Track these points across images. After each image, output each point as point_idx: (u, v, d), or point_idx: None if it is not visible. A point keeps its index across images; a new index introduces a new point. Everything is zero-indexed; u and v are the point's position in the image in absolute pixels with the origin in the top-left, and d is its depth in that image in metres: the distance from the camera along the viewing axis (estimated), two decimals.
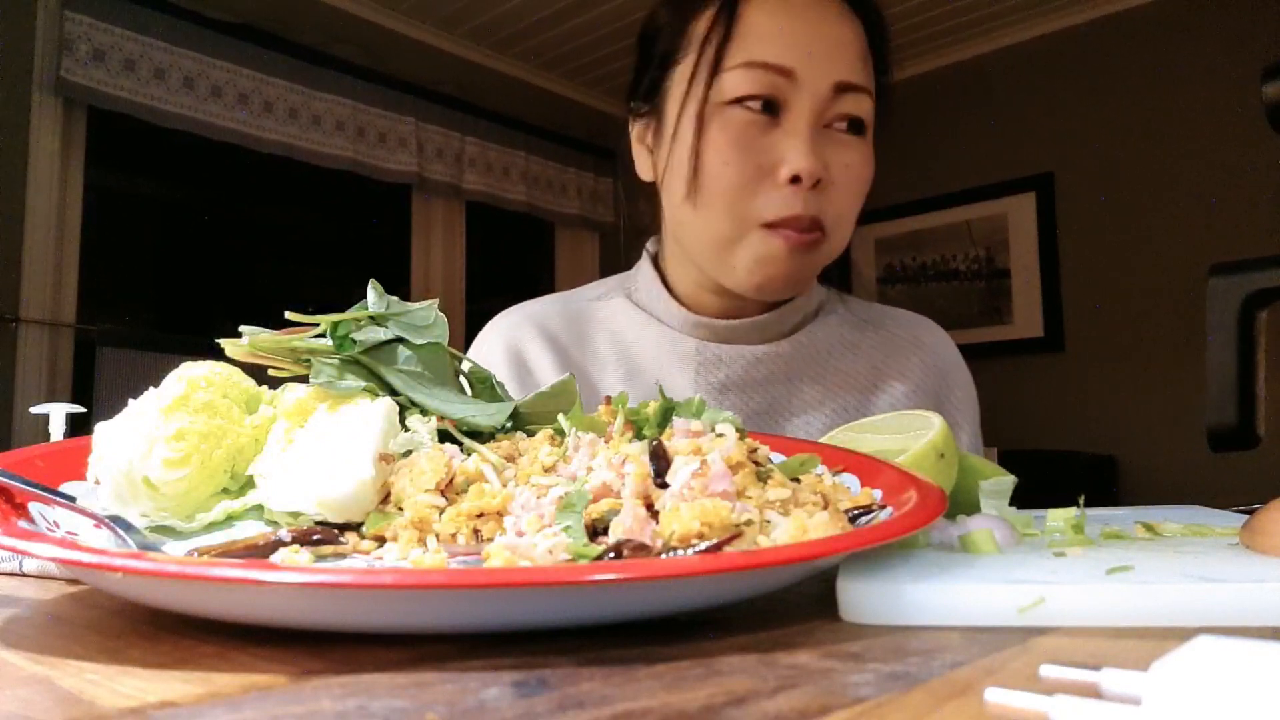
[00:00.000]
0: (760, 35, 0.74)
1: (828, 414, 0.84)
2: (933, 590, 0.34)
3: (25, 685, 0.27)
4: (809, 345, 0.86)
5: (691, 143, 0.75)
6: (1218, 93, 2.88)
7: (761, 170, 0.74)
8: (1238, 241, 2.75)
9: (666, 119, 0.80)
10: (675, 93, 0.79)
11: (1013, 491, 0.53)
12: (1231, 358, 0.48)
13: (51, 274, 2.43)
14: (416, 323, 0.53)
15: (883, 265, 3.68)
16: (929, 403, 0.87)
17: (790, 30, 0.74)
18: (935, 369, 0.89)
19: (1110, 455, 3.05)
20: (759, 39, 0.74)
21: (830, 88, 0.74)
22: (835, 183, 0.76)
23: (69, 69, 2.41)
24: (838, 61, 0.75)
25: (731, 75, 0.74)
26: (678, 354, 0.84)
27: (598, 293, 0.94)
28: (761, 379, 0.83)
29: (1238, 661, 0.20)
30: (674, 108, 0.78)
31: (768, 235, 0.75)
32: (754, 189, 0.74)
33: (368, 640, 0.32)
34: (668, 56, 0.81)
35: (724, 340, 0.84)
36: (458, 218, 3.42)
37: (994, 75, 3.44)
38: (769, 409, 0.83)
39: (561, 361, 0.87)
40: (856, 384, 0.86)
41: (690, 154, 0.75)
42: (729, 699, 0.24)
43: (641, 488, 0.39)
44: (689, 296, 0.86)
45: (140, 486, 0.44)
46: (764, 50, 0.74)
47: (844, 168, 0.76)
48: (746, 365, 0.83)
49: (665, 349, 0.85)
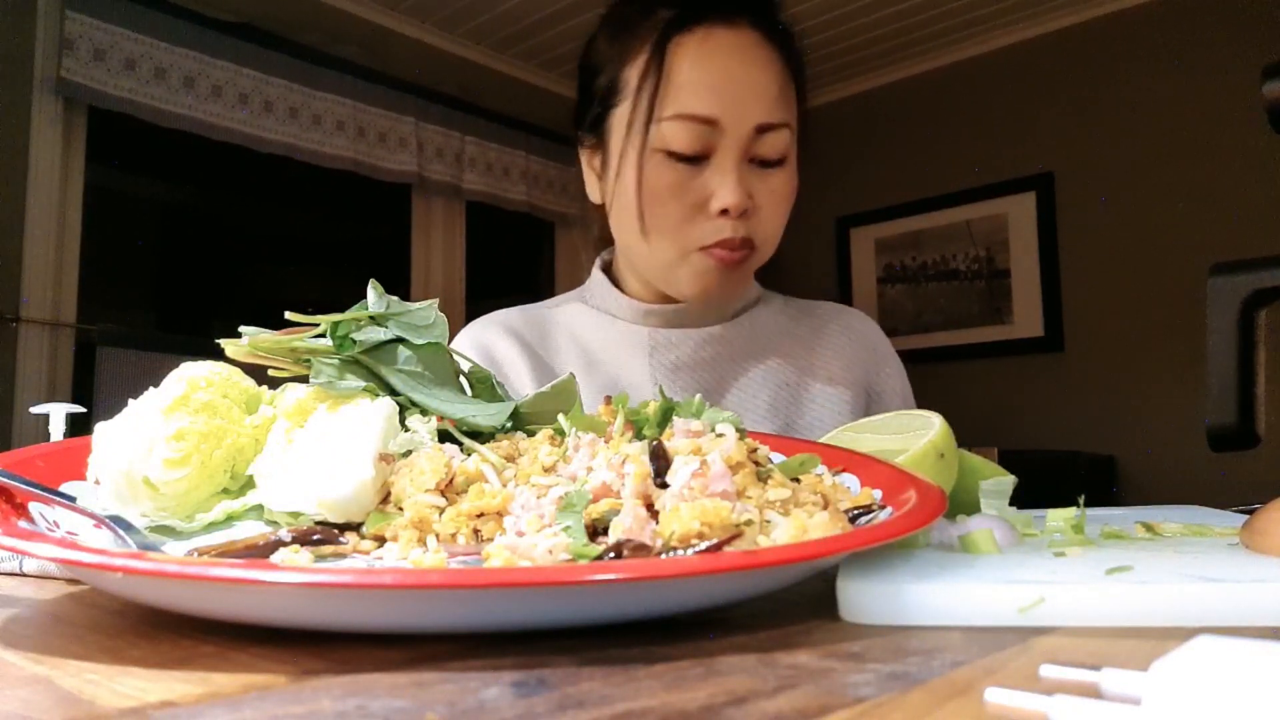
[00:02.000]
0: (688, 87, 0.82)
1: (770, 389, 0.92)
2: (933, 590, 0.34)
3: (25, 685, 0.27)
4: (749, 328, 0.95)
5: (634, 187, 0.84)
6: (1218, 93, 2.88)
7: (696, 206, 0.83)
8: (1238, 241, 2.75)
9: (611, 155, 0.88)
10: (617, 133, 0.87)
11: (1013, 491, 0.53)
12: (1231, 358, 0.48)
13: (51, 274, 2.43)
14: (416, 323, 0.53)
15: (883, 265, 3.68)
16: (861, 376, 0.96)
17: (714, 82, 0.82)
18: (864, 347, 0.99)
19: (1110, 455, 3.04)
20: (688, 91, 0.82)
21: (752, 130, 0.82)
22: (761, 207, 0.84)
23: (69, 69, 2.41)
24: (757, 105, 0.82)
25: (666, 125, 0.82)
26: (632, 342, 0.93)
27: (555, 302, 1.03)
28: (709, 358, 0.92)
29: (1238, 661, 0.20)
30: (616, 147, 0.87)
31: (704, 256, 0.84)
32: (690, 221, 0.84)
33: (368, 640, 0.32)
34: (608, 97, 0.88)
35: (673, 325, 0.93)
36: (458, 218, 3.42)
37: (994, 75, 3.44)
38: (716, 386, 0.91)
39: (527, 356, 0.93)
40: (793, 361, 0.95)
41: (635, 196, 0.84)
42: (729, 699, 0.24)
43: (641, 488, 0.39)
44: (640, 294, 0.94)
45: (140, 486, 0.44)
46: (693, 103, 0.81)
47: (769, 193, 0.85)
48: (695, 346, 0.92)
49: (620, 340, 0.94)
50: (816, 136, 0.94)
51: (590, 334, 0.96)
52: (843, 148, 3.56)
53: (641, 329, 0.93)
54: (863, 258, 3.73)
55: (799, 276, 1.01)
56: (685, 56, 0.82)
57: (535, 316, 1.00)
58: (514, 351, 0.93)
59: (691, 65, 0.82)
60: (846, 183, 3.58)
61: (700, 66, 0.82)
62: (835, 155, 3.55)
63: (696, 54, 0.82)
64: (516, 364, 0.92)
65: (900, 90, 3.65)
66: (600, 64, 0.90)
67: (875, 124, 3.63)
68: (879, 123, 3.63)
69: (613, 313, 0.95)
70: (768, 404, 0.91)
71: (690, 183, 0.83)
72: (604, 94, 0.89)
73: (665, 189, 0.83)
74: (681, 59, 0.82)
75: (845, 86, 3.67)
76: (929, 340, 3.50)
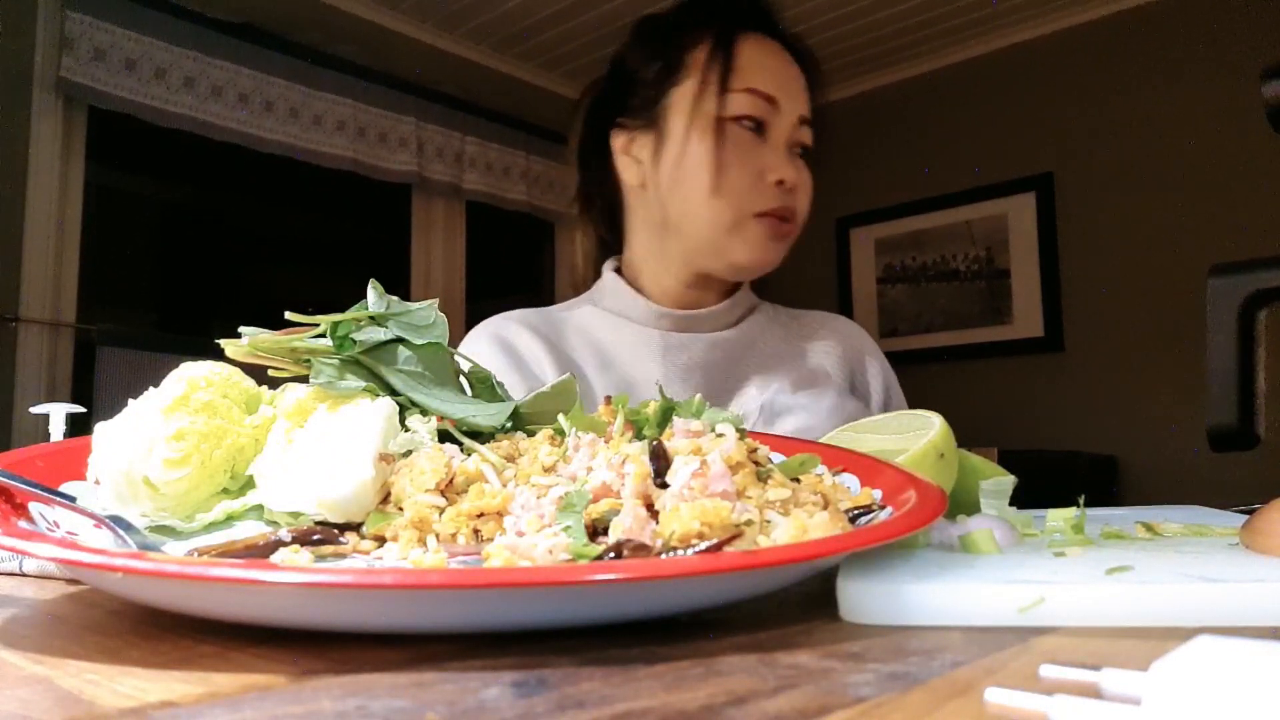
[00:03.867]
0: (755, 68, 0.94)
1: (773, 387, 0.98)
2: (933, 590, 0.34)
3: (25, 685, 0.27)
4: (749, 334, 1.02)
5: (709, 150, 0.92)
6: (1218, 93, 2.88)
7: (757, 174, 0.93)
8: (1238, 241, 2.75)
9: (670, 130, 0.96)
10: (678, 108, 0.95)
11: (1013, 491, 0.53)
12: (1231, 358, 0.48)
13: (51, 274, 2.43)
14: (416, 323, 0.53)
15: (883, 265, 3.68)
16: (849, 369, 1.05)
17: (774, 68, 0.96)
18: (849, 345, 1.07)
19: (1110, 455, 3.04)
20: (754, 71, 0.94)
21: (797, 118, 0.96)
22: (798, 189, 0.96)
23: (69, 68, 2.41)
24: (801, 99, 0.97)
25: (734, 97, 0.93)
26: (645, 344, 0.99)
27: (564, 306, 1.08)
28: (717, 360, 0.99)
29: (1238, 661, 0.20)
30: (680, 121, 0.95)
31: (760, 223, 0.94)
32: (751, 187, 0.93)
33: (368, 640, 0.32)
34: (666, 76, 0.97)
35: (684, 329, 1.00)
36: (458, 218, 3.42)
37: (994, 75, 3.44)
38: (724, 386, 0.98)
39: (549, 349, 0.97)
40: (789, 361, 1.02)
41: (709, 158, 0.92)
42: (729, 699, 0.24)
43: (641, 488, 0.39)
44: (656, 293, 1.01)
45: (140, 486, 0.44)
46: (759, 80, 0.94)
47: (804, 180, 0.97)
48: (705, 349, 0.99)
49: (634, 341, 0.99)
50: (816, 137, 1.00)
51: (603, 335, 1.00)
52: (843, 148, 3.55)
53: (654, 331, 0.99)
54: (863, 258, 3.73)
55: (799, 276, 1.03)
56: (747, 46, 0.95)
57: (548, 316, 1.04)
58: (536, 345, 0.97)
59: (755, 53, 0.95)
60: (846, 183, 3.58)
61: (762, 54, 0.95)
62: (835, 155, 3.53)
63: (756, 46, 0.95)
64: (540, 357, 0.96)
65: (900, 90, 3.65)
66: (652, 52, 0.99)
67: (875, 124, 3.63)
68: (879, 123, 3.63)
69: (626, 315, 1.01)
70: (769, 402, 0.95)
71: (753, 151, 0.93)
72: (660, 75, 0.97)
73: (736, 152, 0.92)
74: (745, 46, 0.95)
75: (845, 87, 3.67)
76: (929, 340, 3.50)
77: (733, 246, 0.94)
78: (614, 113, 1.02)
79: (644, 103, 0.98)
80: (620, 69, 1.03)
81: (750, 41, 0.95)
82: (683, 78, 0.95)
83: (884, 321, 3.63)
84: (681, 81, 0.95)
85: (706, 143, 0.92)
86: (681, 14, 1.00)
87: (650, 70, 0.98)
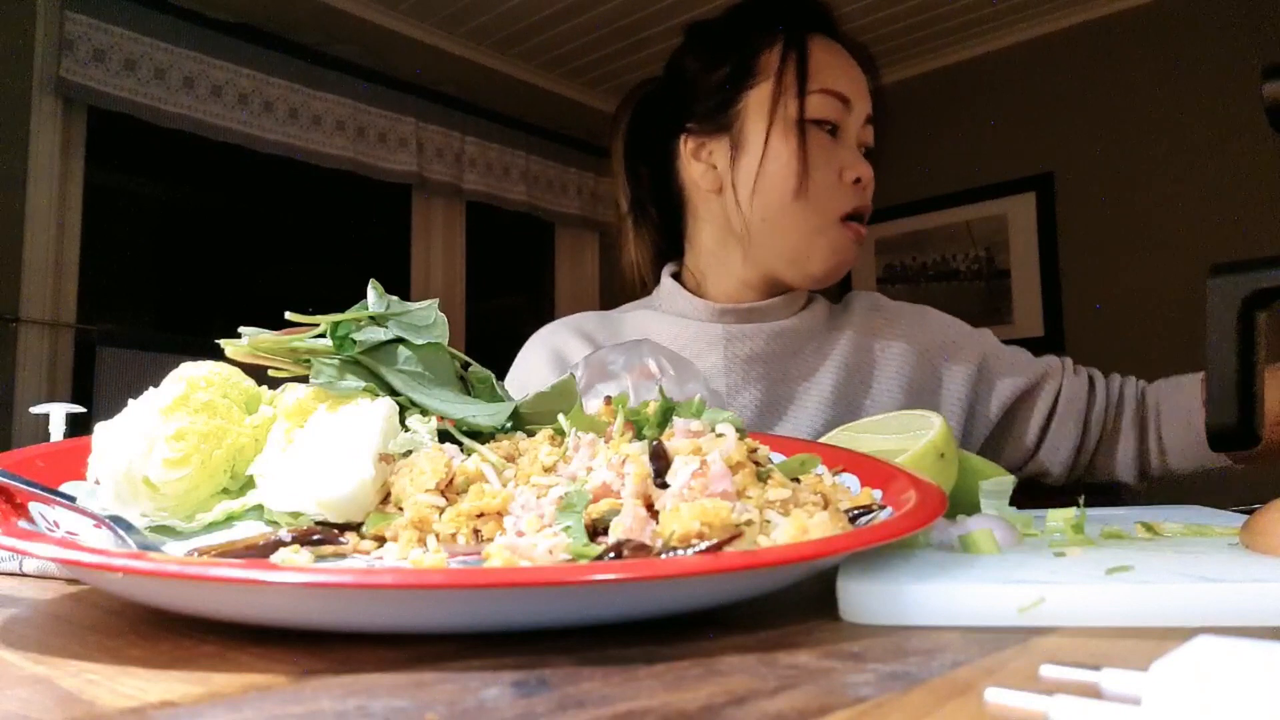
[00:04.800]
0: (827, 69, 0.94)
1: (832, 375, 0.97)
2: (933, 590, 0.34)
3: (25, 685, 0.27)
4: (809, 322, 1.01)
5: (794, 152, 0.92)
6: (1218, 93, 2.88)
7: (837, 174, 0.94)
8: (1238, 241, 2.75)
9: (748, 135, 0.95)
10: (755, 112, 0.95)
11: (1013, 491, 0.53)
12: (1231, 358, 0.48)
13: (51, 274, 2.43)
14: (416, 323, 0.53)
15: (883, 265, 3.68)
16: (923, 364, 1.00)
17: (843, 68, 0.96)
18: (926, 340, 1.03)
19: None
20: (828, 72, 0.94)
21: (865, 117, 0.97)
22: (868, 186, 0.97)
23: (69, 69, 2.41)
24: (867, 99, 0.98)
25: (813, 99, 0.93)
26: (707, 338, 0.98)
27: (622, 310, 1.08)
28: (779, 350, 0.97)
29: (1238, 661, 0.20)
30: (758, 125, 0.94)
31: (843, 229, 0.95)
32: (834, 188, 0.94)
33: (368, 640, 0.32)
34: (739, 80, 0.96)
35: (746, 321, 0.98)
36: (458, 218, 3.42)
37: (994, 75, 3.44)
38: (784, 375, 0.97)
39: None
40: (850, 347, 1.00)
41: (795, 161, 0.92)
42: (729, 699, 0.24)
43: (641, 488, 0.39)
44: (719, 296, 1.01)
45: (140, 486, 0.44)
46: (834, 80, 0.94)
47: (871, 175, 0.97)
48: (767, 339, 0.97)
49: (695, 336, 0.98)
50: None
51: (661, 333, 0.99)
52: None
53: (716, 326, 0.98)
54: (863, 258, 3.73)
55: None
56: (817, 48, 0.95)
57: (606, 320, 1.05)
58: (587, 351, 0.97)
59: (825, 54, 0.95)
60: None
61: (831, 56, 0.96)
62: None
63: (823, 48, 0.96)
64: None
65: (900, 91, 3.65)
66: (716, 56, 0.98)
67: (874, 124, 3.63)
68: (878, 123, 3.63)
69: (686, 315, 1.00)
70: (831, 389, 0.96)
71: (830, 152, 0.94)
72: (730, 80, 0.97)
73: (818, 154, 0.93)
74: (815, 49, 0.95)
75: None
76: None
77: (815, 251, 0.94)
78: (678, 119, 1.00)
79: (715, 107, 0.97)
80: (679, 75, 1.02)
81: (818, 43, 0.95)
82: (757, 81, 0.95)
83: None
84: (756, 85, 0.95)
85: (790, 146, 0.92)
86: (742, 17, 1.00)
87: (717, 74, 0.97)
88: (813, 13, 0.98)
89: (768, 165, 0.93)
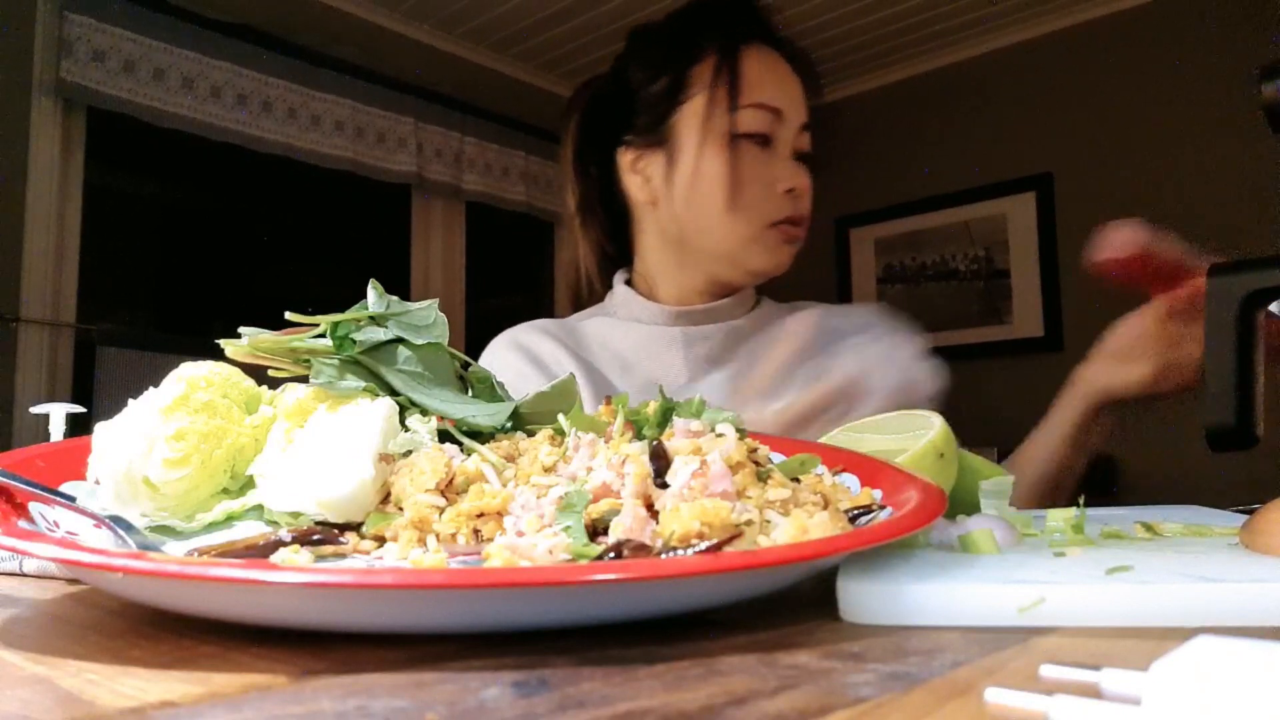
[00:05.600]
0: (760, 82, 0.95)
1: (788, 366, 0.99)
2: (933, 590, 0.34)
3: (25, 685, 0.27)
4: (760, 320, 1.04)
5: (723, 166, 0.94)
6: (1217, 93, 2.88)
7: (767, 185, 0.96)
8: (1238, 241, 2.75)
9: (681, 148, 0.97)
10: (688, 127, 0.97)
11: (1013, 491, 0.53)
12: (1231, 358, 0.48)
13: (51, 274, 2.43)
14: (416, 323, 0.53)
15: (882, 265, 3.68)
16: None
17: (777, 79, 0.97)
18: None
19: (1110, 455, 3.04)
20: (758, 85, 0.95)
21: (800, 125, 0.98)
22: (803, 194, 0.98)
23: (69, 70, 2.41)
24: (801, 106, 0.98)
25: (744, 113, 0.94)
26: (665, 341, 1.01)
27: (578, 317, 1.09)
28: (735, 348, 1.00)
29: (1238, 661, 0.20)
30: (690, 138, 0.96)
31: (776, 232, 0.96)
32: (764, 199, 0.96)
33: (368, 640, 0.32)
34: (672, 95, 0.98)
35: (702, 322, 1.01)
36: (458, 218, 3.42)
37: (994, 75, 3.44)
38: (744, 370, 1.00)
39: (570, 354, 0.99)
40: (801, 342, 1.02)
41: (724, 175, 0.94)
42: (729, 699, 0.24)
43: (641, 488, 0.39)
44: (671, 299, 1.03)
45: (140, 486, 0.44)
46: (766, 94, 0.95)
47: (806, 184, 0.98)
48: (724, 336, 1.00)
49: (653, 340, 1.01)
50: (816, 137, 1.02)
51: (621, 340, 1.02)
52: (843, 148, 3.55)
53: (674, 329, 1.01)
54: (863, 258, 3.73)
55: (799, 276, 1.03)
56: (751, 60, 0.96)
57: (565, 325, 1.06)
58: (557, 349, 1.00)
59: (758, 66, 0.96)
60: (846, 183, 3.58)
61: (764, 68, 0.96)
62: (835, 155, 3.53)
63: (758, 59, 0.97)
64: (561, 359, 0.99)
65: (900, 91, 3.65)
66: (655, 69, 1.00)
67: (875, 124, 3.63)
68: (879, 123, 3.63)
69: (642, 320, 1.03)
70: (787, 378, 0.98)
71: (762, 163, 0.95)
72: (665, 94, 0.98)
73: (748, 167, 0.94)
74: (748, 61, 0.96)
75: (845, 87, 3.67)
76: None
77: (750, 255, 0.97)
78: (618, 129, 1.02)
79: (651, 121, 0.99)
80: (622, 85, 1.03)
81: (752, 54, 0.96)
82: (690, 95, 0.96)
83: None
84: (689, 99, 0.96)
85: (720, 161, 0.94)
86: (678, 26, 1.01)
87: (655, 88, 0.99)
88: (750, 20, 0.99)
89: (700, 179, 0.95)
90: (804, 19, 3.19)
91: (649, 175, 1.00)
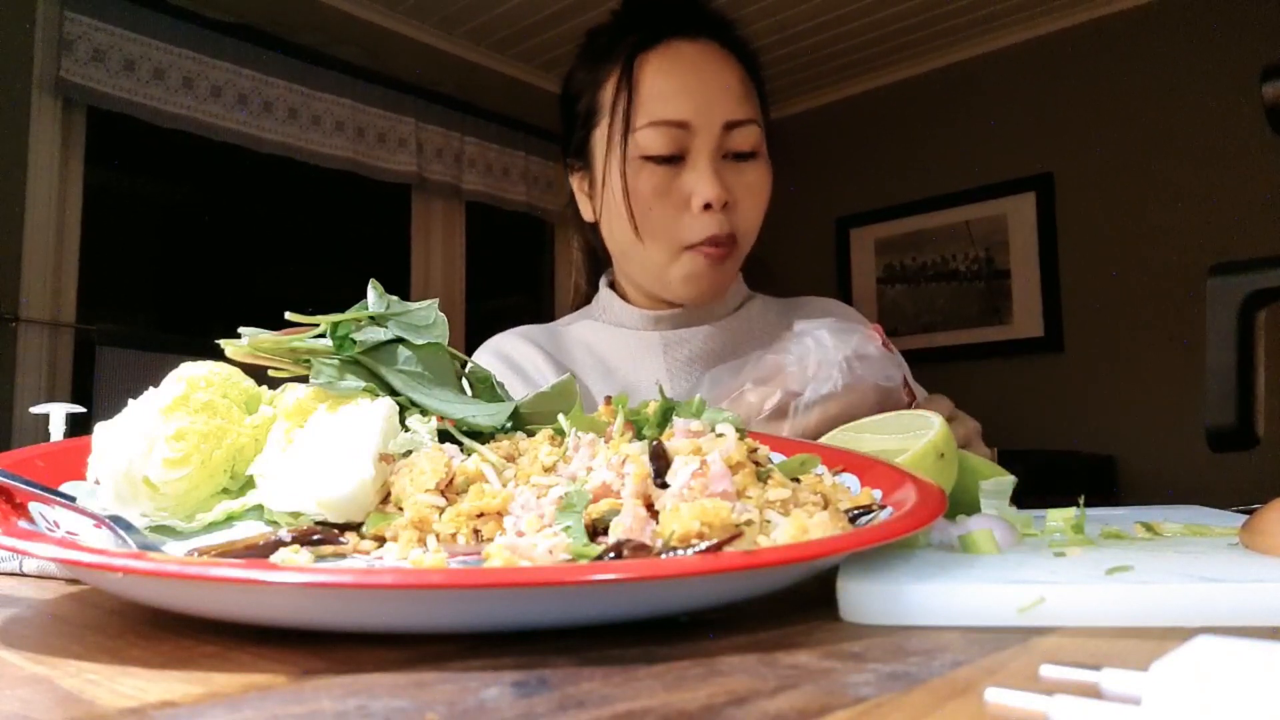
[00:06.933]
0: (657, 96, 0.89)
1: None
2: (933, 590, 0.34)
3: (25, 685, 0.27)
4: (746, 321, 1.02)
5: (622, 194, 0.89)
6: (1217, 93, 2.88)
7: (679, 205, 0.89)
8: (1238, 241, 2.75)
9: (596, 173, 0.95)
10: (599, 151, 0.93)
11: (1013, 491, 0.53)
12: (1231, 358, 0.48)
13: (51, 274, 2.43)
14: (416, 323, 0.53)
15: (883, 265, 3.68)
16: None
17: (680, 88, 0.89)
18: None
19: (1110, 455, 3.04)
20: (657, 99, 0.88)
21: (721, 127, 0.88)
22: (740, 201, 0.90)
23: (69, 69, 2.41)
24: (724, 104, 0.89)
25: (642, 134, 0.88)
26: (645, 345, 0.99)
27: (564, 321, 1.09)
28: (717, 350, 0.98)
29: (1238, 661, 0.20)
30: (600, 164, 0.93)
31: (694, 255, 0.90)
32: (676, 220, 0.89)
33: (368, 640, 0.32)
34: (588, 119, 0.95)
35: (681, 325, 0.99)
36: (458, 218, 3.42)
37: (993, 75, 3.44)
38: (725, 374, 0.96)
39: (549, 360, 0.99)
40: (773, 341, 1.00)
41: (624, 203, 0.89)
42: (729, 699, 0.24)
43: (641, 488, 0.39)
44: (646, 304, 1.01)
45: (140, 486, 0.44)
46: (662, 109, 0.88)
47: (745, 187, 0.91)
48: (704, 339, 0.98)
49: (634, 345, 1.00)
50: (817, 137, 1.00)
51: (603, 344, 1.01)
52: (843, 148, 3.56)
53: (653, 334, 0.99)
54: (863, 258, 3.73)
55: (799, 276, 1.03)
56: (651, 70, 0.90)
57: (548, 331, 1.06)
58: (538, 356, 0.99)
59: (658, 76, 0.89)
60: (846, 183, 3.58)
61: (666, 76, 0.89)
62: (835, 155, 3.55)
63: (661, 66, 0.90)
64: (541, 367, 0.98)
65: (900, 91, 3.65)
66: (578, 91, 0.97)
67: (875, 124, 3.63)
68: (879, 123, 3.63)
69: (624, 324, 1.01)
70: None
71: (671, 184, 0.89)
72: (584, 118, 0.96)
73: (649, 191, 0.89)
74: (648, 73, 0.89)
75: (845, 87, 3.67)
76: (929, 341, 3.50)
77: (671, 281, 0.93)
78: (565, 152, 1.01)
79: (578, 143, 0.97)
80: (566, 100, 1.01)
81: (653, 64, 0.89)
82: (599, 119, 0.93)
83: (884, 321, 3.61)
84: (599, 123, 0.93)
85: (620, 188, 0.89)
86: (599, 38, 0.97)
87: (580, 107, 0.97)
88: (667, 15, 0.93)
89: (609, 205, 0.93)
90: (803, 19, 3.19)
91: (588, 194, 0.99)
